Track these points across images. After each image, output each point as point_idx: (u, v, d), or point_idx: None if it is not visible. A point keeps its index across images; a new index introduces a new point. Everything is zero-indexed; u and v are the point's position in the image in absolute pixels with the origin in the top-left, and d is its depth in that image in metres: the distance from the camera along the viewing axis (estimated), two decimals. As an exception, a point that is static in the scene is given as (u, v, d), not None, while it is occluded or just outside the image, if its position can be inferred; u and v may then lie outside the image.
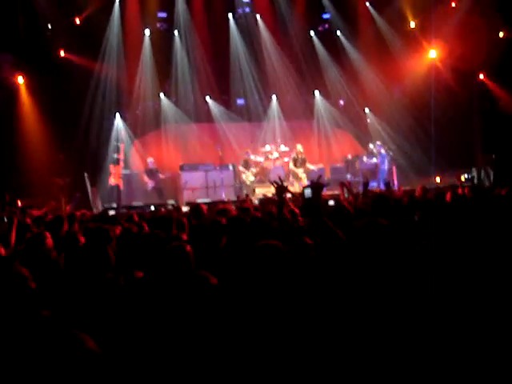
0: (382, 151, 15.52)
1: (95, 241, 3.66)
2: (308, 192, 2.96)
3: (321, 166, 15.62)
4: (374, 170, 15.47)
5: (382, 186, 13.54)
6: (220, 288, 2.41)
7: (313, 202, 2.92)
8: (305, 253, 3.06)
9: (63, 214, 7.15)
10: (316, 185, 3.02)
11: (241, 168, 15.25)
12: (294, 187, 14.41)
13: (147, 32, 16.61)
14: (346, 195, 6.51)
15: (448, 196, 6.23)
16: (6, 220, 4.73)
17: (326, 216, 2.91)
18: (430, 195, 6.77)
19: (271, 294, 2.49)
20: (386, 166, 15.40)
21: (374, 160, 15.66)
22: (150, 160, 14.94)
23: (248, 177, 15.16)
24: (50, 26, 14.55)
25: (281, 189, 4.10)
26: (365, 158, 15.82)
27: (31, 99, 14.00)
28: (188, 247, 3.06)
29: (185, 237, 4.42)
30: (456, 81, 15.62)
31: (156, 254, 3.18)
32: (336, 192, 11.25)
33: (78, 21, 15.06)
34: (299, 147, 15.51)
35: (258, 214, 5.34)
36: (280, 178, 4.27)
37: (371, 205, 4.40)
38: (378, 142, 15.94)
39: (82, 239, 4.31)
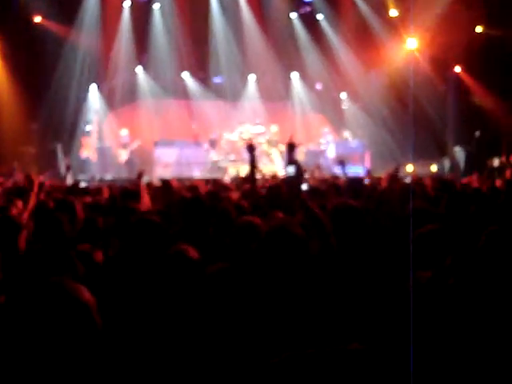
0: (329, 138, 15.66)
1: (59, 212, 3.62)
2: (291, 170, 2.98)
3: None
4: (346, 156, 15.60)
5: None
6: (201, 262, 2.39)
7: (295, 180, 2.95)
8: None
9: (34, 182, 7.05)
10: (298, 163, 3.04)
11: (207, 147, 15.16)
12: (267, 168, 14.45)
13: (127, 3, 16.31)
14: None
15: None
16: None
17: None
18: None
19: (254, 270, 2.48)
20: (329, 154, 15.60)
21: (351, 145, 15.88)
22: (123, 133, 14.67)
23: (213, 156, 15.12)
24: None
25: (252, 148, 4.11)
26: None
27: (4, 65, 13.70)
28: (157, 219, 3.03)
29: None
30: (433, 71, 15.77)
31: (126, 226, 3.16)
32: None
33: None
34: (274, 128, 15.53)
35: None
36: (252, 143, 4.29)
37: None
38: (326, 129, 16.04)
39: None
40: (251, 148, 4.05)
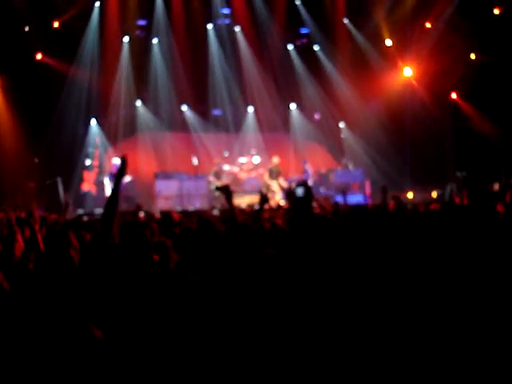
0: (307, 168, 15.70)
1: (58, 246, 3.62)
2: (300, 191, 2.97)
3: (293, 183, 15.64)
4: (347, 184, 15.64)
5: None
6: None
7: (304, 201, 2.95)
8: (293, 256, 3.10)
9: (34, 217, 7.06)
10: (307, 184, 3.05)
11: (211, 178, 15.15)
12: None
13: (126, 39, 16.57)
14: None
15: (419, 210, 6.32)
16: None
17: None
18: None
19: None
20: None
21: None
22: (115, 161, 14.33)
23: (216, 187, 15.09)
24: (27, 28, 14.42)
25: (264, 198, 4.12)
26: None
27: (5, 101, 13.85)
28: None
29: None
30: (430, 99, 15.93)
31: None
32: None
33: (56, 24, 14.95)
34: (276, 160, 15.60)
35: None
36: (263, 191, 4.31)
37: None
38: (305, 160, 16.08)
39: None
40: (264, 197, 4.04)
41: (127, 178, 13.86)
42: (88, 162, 14.98)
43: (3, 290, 2.56)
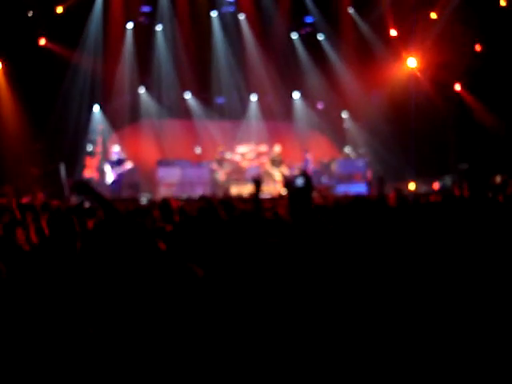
0: (307, 157, 15.73)
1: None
2: (300, 181, 2.98)
3: (296, 170, 15.65)
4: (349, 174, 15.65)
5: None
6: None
7: (304, 192, 2.96)
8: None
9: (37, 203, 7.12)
10: (307, 174, 3.06)
11: (214, 166, 15.18)
12: (269, 188, 14.48)
13: (130, 25, 16.53)
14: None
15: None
16: None
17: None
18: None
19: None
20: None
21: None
22: (115, 149, 14.37)
23: (219, 175, 15.12)
24: (31, 13, 14.38)
25: (258, 184, 4.13)
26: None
27: (9, 86, 13.85)
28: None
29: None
30: (433, 90, 15.88)
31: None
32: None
33: (60, 9, 14.90)
34: (277, 148, 15.60)
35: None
36: (258, 176, 4.32)
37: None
38: (306, 150, 16.12)
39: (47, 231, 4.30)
40: (257, 182, 4.03)
41: (129, 165, 13.91)
42: (90, 148, 14.99)
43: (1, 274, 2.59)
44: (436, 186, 14.98)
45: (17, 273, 3.05)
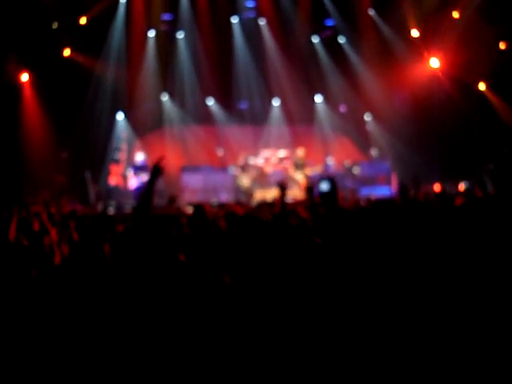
0: (328, 161, 15.68)
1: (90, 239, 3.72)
2: (325, 186, 2.98)
3: (317, 171, 15.63)
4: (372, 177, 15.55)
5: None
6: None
7: (331, 195, 2.96)
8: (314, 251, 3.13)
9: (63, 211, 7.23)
10: (333, 179, 3.06)
11: (237, 172, 15.24)
12: (294, 192, 14.48)
13: (152, 33, 16.72)
14: None
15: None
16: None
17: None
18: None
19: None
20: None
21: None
22: (139, 157, 14.54)
23: (243, 180, 15.16)
24: (55, 25, 14.64)
25: (283, 188, 4.13)
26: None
27: (35, 97, 14.11)
28: None
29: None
30: (457, 90, 15.72)
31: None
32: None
33: (83, 20, 15.14)
34: (300, 152, 15.60)
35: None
36: (284, 181, 4.33)
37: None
38: (328, 153, 16.11)
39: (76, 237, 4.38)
40: (283, 187, 4.04)
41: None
42: (115, 156, 15.18)
43: (31, 279, 2.65)
44: (462, 187, 14.80)
45: (47, 279, 3.12)
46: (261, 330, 2.38)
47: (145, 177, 13.94)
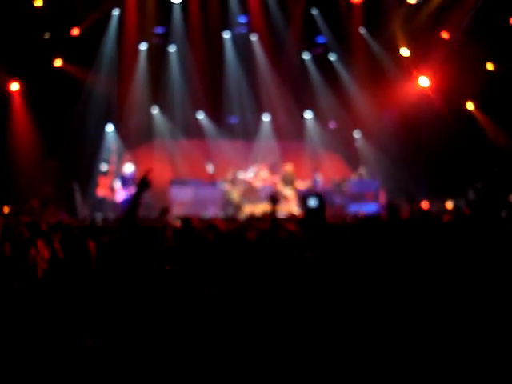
0: (316, 177, 15.77)
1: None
2: (313, 202, 2.99)
3: (307, 185, 15.66)
4: (361, 194, 15.60)
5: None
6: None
7: (318, 212, 2.97)
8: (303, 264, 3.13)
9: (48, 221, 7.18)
10: (322, 196, 3.07)
11: (226, 186, 15.23)
12: (283, 208, 14.46)
13: (143, 46, 16.75)
14: None
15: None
16: None
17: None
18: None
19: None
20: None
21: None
22: (128, 167, 14.51)
23: (232, 194, 15.15)
24: (48, 35, 14.64)
25: (275, 202, 4.12)
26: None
27: (25, 106, 14.06)
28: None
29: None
30: (446, 109, 15.87)
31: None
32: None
33: (75, 31, 15.15)
34: (289, 167, 15.63)
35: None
36: (275, 194, 4.33)
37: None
38: (316, 170, 16.24)
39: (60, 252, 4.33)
40: (274, 200, 4.04)
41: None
42: (104, 168, 15.12)
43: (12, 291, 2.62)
44: (449, 205, 14.88)
45: (30, 290, 3.08)
46: (247, 341, 2.36)
47: (133, 189, 13.88)
